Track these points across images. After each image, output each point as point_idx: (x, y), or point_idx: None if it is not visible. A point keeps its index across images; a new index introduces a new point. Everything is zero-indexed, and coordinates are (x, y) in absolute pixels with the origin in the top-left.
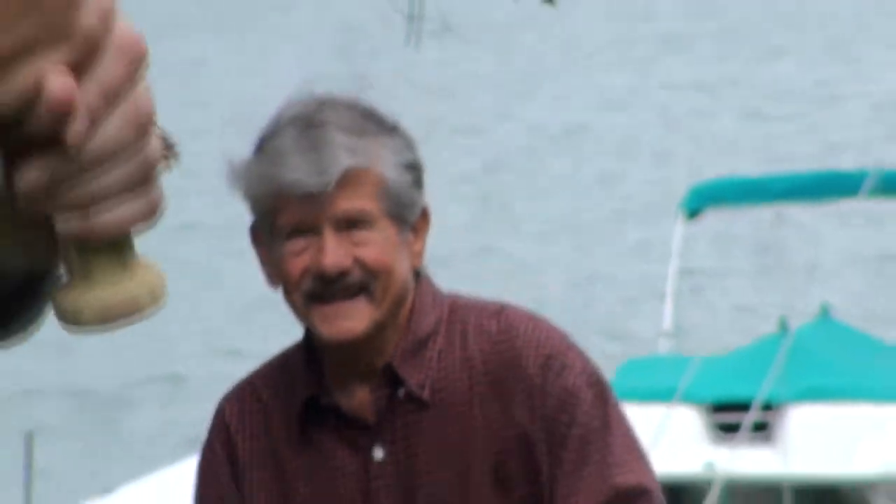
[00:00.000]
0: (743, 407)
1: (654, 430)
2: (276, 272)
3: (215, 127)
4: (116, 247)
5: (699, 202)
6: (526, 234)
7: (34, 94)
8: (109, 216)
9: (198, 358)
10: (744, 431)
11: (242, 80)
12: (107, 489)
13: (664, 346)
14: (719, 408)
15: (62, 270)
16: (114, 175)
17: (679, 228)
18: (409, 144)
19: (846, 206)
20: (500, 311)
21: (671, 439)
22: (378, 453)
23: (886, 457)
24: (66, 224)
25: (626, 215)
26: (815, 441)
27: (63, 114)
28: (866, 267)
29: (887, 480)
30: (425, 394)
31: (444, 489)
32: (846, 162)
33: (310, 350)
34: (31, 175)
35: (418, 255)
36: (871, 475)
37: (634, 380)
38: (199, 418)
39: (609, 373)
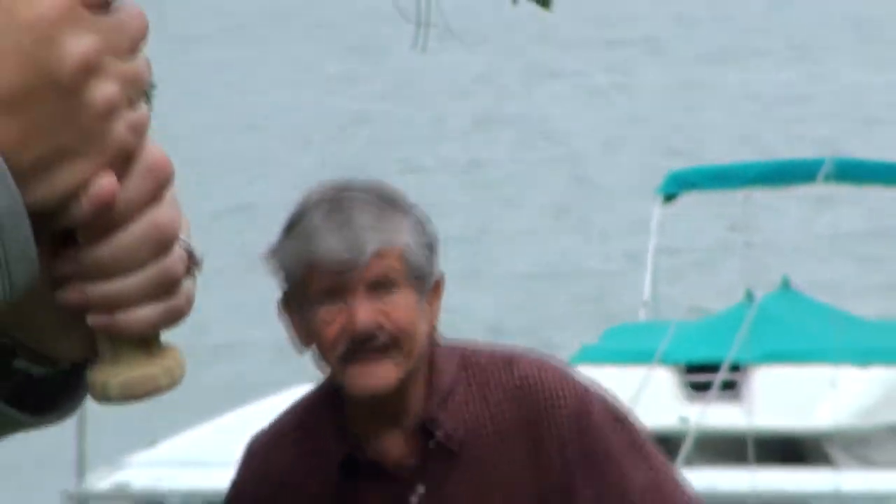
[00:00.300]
0: (713, 368)
1: (635, 389)
2: (306, 337)
3: (255, 122)
4: (142, 337)
5: (675, 187)
6: (524, 216)
7: (72, 194)
8: (132, 318)
9: (238, 329)
10: (714, 390)
11: (271, 80)
12: (151, 441)
13: (643, 314)
14: (692, 369)
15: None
16: (132, 282)
17: (657, 211)
18: (424, 222)
19: (806, 190)
20: (510, 363)
21: (649, 397)
22: (413, 501)
23: (840, 412)
24: (94, 320)
25: (612, 199)
26: (776, 398)
27: (104, 207)
28: (822, 244)
29: (840, 432)
30: (455, 443)
31: None
32: (806, 152)
33: (333, 407)
34: (62, 267)
35: (434, 318)
36: (826, 428)
37: (617, 343)
38: (233, 381)
39: (595, 337)
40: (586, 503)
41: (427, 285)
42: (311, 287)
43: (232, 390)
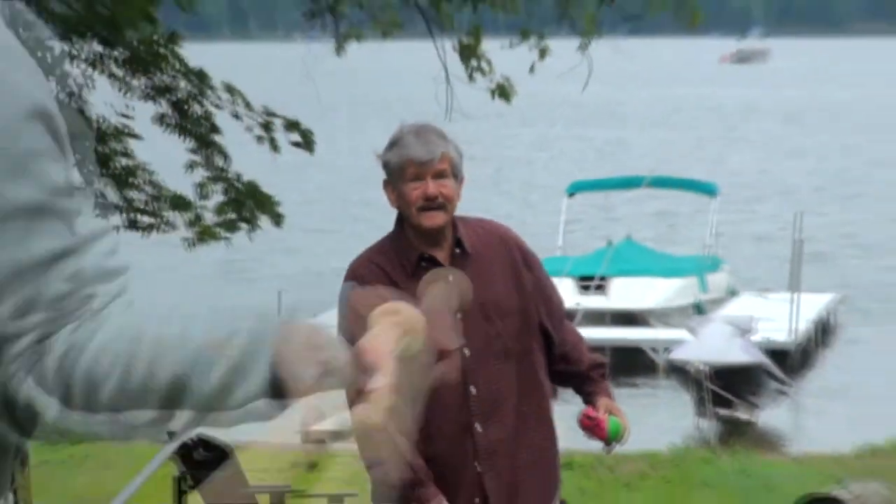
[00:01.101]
0: (591, 279)
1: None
2: (397, 200)
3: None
4: None
5: (574, 189)
6: (495, 201)
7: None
8: None
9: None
10: (591, 289)
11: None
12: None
13: (559, 252)
14: (581, 279)
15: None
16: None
17: (565, 201)
18: (458, 146)
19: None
20: (479, 220)
21: (560, 292)
22: (450, 278)
23: (656, 299)
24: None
25: (542, 196)
26: (624, 294)
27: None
28: (649, 218)
29: (657, 310)
30: (470, 249)
31: (494, 320)
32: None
33: (403, 239)
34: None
35: (458, 197)
36: (649, 308)
37: (545, 266)
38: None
39: None
40: (530, 287)
41: (458, 180)
42: (406, 174)
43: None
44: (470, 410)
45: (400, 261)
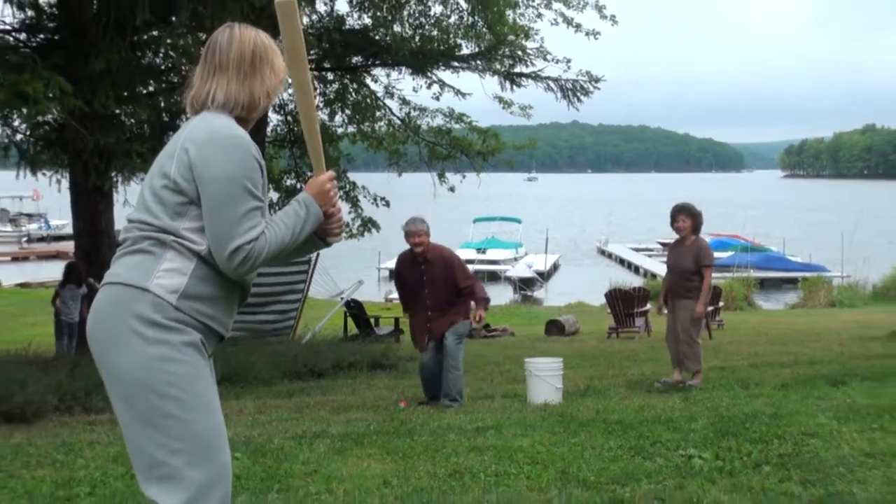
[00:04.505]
0: (480, 250)
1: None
2: (408, 244)
3: None
4: None
5: (478, 220)
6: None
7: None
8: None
9: None
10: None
11: None
12: None
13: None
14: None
15: None
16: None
17: (472, 228)
18: (427, 225)
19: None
20: (438, 245)
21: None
22: (424, 268)
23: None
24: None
25: (464, 220)
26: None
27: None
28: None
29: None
30: (429, 259)
31: (439, 280)
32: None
33: (411, 252)
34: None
35: (429, 240)
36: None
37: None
38: None
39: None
40: (456, 278)
41: (428, 236)
42: (409, 239)
43: None
44: (426, 306)
45: (411, 257)
